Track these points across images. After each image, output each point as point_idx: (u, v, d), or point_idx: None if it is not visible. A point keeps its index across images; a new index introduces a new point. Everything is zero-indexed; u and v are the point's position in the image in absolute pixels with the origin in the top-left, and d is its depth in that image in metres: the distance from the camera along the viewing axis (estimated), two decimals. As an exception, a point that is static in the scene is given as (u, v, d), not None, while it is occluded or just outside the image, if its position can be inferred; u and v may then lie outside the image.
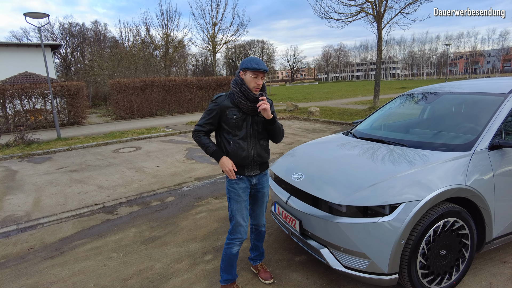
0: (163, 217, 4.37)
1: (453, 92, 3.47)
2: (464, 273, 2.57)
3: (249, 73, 2.37)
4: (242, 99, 2.40)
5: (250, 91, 2.39)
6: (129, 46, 31.69)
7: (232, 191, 2.52)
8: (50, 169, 7.23)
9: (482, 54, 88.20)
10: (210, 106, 2.48)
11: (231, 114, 2.43)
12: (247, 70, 2.38)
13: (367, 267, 2.30)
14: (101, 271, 3.12)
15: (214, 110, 2.45)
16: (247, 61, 2.40)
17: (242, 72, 2.42)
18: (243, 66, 2.39)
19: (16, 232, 4.15)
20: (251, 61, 2.37)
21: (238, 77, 2.43)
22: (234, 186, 2.51)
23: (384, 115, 3.98)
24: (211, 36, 26.05)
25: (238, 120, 2.44)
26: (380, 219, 2.23)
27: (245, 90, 2.39)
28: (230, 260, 2.58)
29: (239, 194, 2.51)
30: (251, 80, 2.38)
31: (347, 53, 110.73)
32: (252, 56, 5.07)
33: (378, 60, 14.13)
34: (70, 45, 46.98)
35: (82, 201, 5.13)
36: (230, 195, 2.54)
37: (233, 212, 2.54)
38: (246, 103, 2.40)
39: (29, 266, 3.29)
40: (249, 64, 2.36)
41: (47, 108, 13.74)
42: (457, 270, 2.53)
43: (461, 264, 2.54)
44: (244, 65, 2.38)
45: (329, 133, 10.23)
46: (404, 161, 2.65)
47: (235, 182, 2.51)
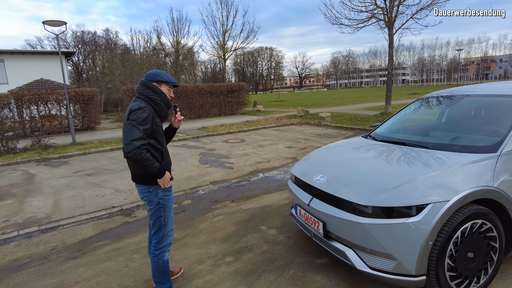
0: (181, 219, 4.40)
1: (473, 95, 3.45)
2: (493, 276, 2.53)
3: (164, 85, 2.56)
4: (164, 108, 2.53)
5: (168, 101, 2.58)
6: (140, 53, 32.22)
7: (169, 200, 2.60)
8: (66, 172, 7.35)
9: (494, 59, 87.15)
10: (143, 116, 2.35)
11: (158, 122, 2.51)
12: (162, 83, 2.55)
13: (394, 268, 2.29)
14: (124, 272, 3.16)
15: (149, 118, 2.38)
16: (161, 74, 2.56)
17: (156, 84, 2.53)
18: (158, 78, 2.53)
19: (38, 233, 4.23)
20: (165, 75, 2.57)
21: (157, 88, 2.51)
22: (169, 194, 2.60)
23: (403, 119, 3.96)
24: (222, 43, 26.34)
25: (161, 128, 2.57)
26: (407, 220, 2.22)
27: (166, 100, 2.54)
28: (165, 269, 2.63)
29: (172, 201, 2.64)
30: (167, 92, 2.58)
31: (355, 59, 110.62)
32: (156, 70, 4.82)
33: (389, 66, 14.08)
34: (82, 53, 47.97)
35: (100, 203, 5.20)
36: (166, 204, 2.58)
37: (167, 219, 2.59)
38: (167, 111, 2.57)
39: (53, 266, 3.34)
40: (164, 77, 2.55)
41: (61, 114, 14.01)
42: (485, 273, 2.49)
43: (489, 268, 2.50)
44: (159, 78, 2.53)
45: (341, 138, 10.20)
46: (428, 163, 2.64)
47: (169, 190, 2.60)
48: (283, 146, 9.21)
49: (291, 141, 9.96)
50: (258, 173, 6.53)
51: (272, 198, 5.02)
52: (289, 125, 13.92)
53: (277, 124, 13.82)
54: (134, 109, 2.36)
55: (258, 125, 13.74)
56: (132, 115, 2.34)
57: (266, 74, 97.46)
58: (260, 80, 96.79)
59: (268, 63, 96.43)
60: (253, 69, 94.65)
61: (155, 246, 2.59)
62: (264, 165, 7.14)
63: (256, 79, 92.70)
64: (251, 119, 16.27)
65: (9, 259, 3.54)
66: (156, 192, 2.53)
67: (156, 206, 2.55)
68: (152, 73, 2.56)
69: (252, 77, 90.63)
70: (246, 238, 3.71)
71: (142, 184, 2.52)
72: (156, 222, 2.57)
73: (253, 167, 6.98)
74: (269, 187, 5.62)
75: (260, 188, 5.55)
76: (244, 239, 3.68)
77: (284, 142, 9.84)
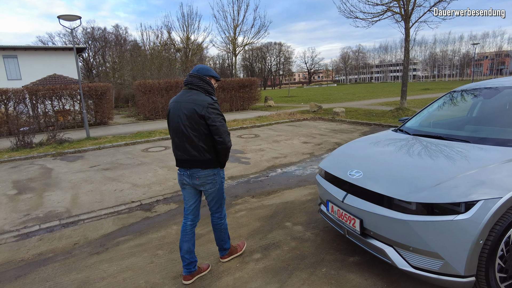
0: (203, 215, 4.30)
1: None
2: (543, 278, 2.38)
3: (213, 80, 2.86)
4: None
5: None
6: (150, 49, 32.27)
7: (224, 180, 2.97)
8: (83, 167, 7.35)
9: (509, 54, 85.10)
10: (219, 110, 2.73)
11: None
12: (212, 77, 2.84)
13: (441, 268, 2.16)
14: (149, 268, 3.09)
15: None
16: (210, 70, 2.85)
17: (208, 78, 2.80)
18: (210, 73, 2.81)
19: (59, 227, 4.20)
20: (213, 71, 2.87)
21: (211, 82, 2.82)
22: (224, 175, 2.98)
23: (435, 112, 3.80)
24: (232, 38, 26.18)
25: None
26: (456, 217, 2.08)
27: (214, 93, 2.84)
28: (225, 233, 3.08)
29: None
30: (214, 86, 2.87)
31: (365, 54, 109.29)
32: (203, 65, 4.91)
33: (405, 60, 13.77)
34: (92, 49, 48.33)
35: (119, 198, 5.15)
36: (224, 182, 2.97)
37: (224, 195, 3.01)
38: None
39: (77, 261, 3.30)
40: (214, 73, 2.86)
41: (75, 109, 14.08)
42: (536, 275, 2.34)
43: (541, 269, 2.35)
44: (210, 73, 2.82)
45: (357, 133, 10.02)
46: (473, 158, 2.50)
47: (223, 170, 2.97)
48: (299, 142, 9.07)
49: (306, 137, 9.81)
50: (276, 168, 6.42)
51: (294, 194, 4.91)
52: (303, 120, 13.74)
53: (290, 120, 13.67)
54: (212, 102, 2.67)
55: (271, 120, 13.60)
56: (214, 109, 2.65)
57: (275, 69, 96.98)
58: (268, 76, 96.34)
59: (277, 59, 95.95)
60: (262, 65, 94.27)
61: (218, 219, 3.01)
62: (281, 160, 7.02)
63: (264, 75, 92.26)
64: (263, 114, 16.13)
65: (33, 253, 3.51)
66: (219, 173, 2.86)
67: (219, 186, 2.88)
68: (204, 68, 2.81)
69: (261, 73, 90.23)
70: (272, 235, 3.61)
71: (208, 169, 2.76)
72: (219, 199, 2.94)
73: (270, 163, 6.87)
74: (289, 182, 5.51)
75: (279, 184, 5.44)
76: (270, 236, 3.59)
77: (299, 138, 9.70)
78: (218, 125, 2.64)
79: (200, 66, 2.82)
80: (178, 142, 2.75)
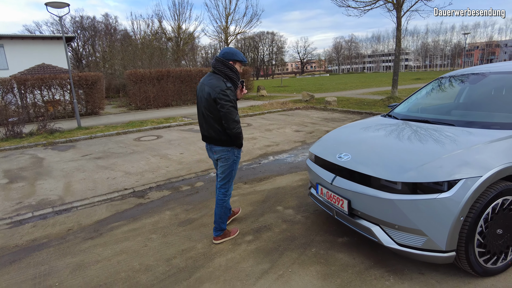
0: (196, 200, 4.38)
1: (498, 72, 3.36)
2: (519, 253, 2.51)
3: (238, 64, 2.97)
4: (237, 83, 2.96)
5: (240, 77, 3.02)
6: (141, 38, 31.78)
7: (239, 158, 3.15)
8: (75, 156, 7.33)
9: (499, 44, 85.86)
10: (233, 97, 2.87)
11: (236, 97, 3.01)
12: (237, 61, 2.94)
13: (424, 244, 2.26)
14: (143, 251, 3.15)
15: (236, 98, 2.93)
16: (237, 53, 2.94)
17: (232, 62, 2.92)
18: (234, 58, 2.91)
19: (53, 214, 4.22)
20: (240, 54, 2.96)
21: (233, 65, 2.92)
22: (239, 153, 3.14)
23: (422, 98, 3.89)
24: (224, 27, 25.92)
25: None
26: (439, 196, 2.18)
27: (238, 77, 2.97)
28: (227, 212, 3.24)
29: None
30: (238, 70, 2.99)
31: (358, 44, 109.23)
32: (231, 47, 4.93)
33: (397, 49, 13.85)
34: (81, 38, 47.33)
35: (112, 186, 5.18)
36: (237, 161, 3.14)
37: (235, 172, 3.17)
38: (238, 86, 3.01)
39: (71, 246, 3.34)
40: (240, 57, 2.94)
41: (65, 99, 13.90)
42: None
43: (517, 244, 2.47)
44: (235, 57, 2.92)
45: (349, 122, 10.11)
46: (456, 140, 2.58)
47: (240, 150, 3.15)
48: (291, 130, 9.15)
49: (298, 125, 9.88)
50: (268, 156, 6.49)
51: (285, 180, 5.00)
52: (295, 110, 13.80)
53: (283, 109, 13.71)
54: (224, 89, 2.79)
55: (263, 109, 13.63)
56: (224, 96, 2.79)
57: (267, 59, 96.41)
58: (261, 66, 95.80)
59: (269, 48, 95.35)
60: (254, 54, 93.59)
61: (223, 194, 3.16)
62: (273, 148, 7.09)
63: (257, 65, 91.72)
64: (255, 103, 16.14)
65: (27, 239, 3.54)
66: (233, 151, 3.06)
67: (231, 162, 3.08)
68: (229, 52, 2.92)
69: (253, 62, 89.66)
70: (264, 218, 3.69)
71: (223, 146, 3.00)
72: (228, 175, 3.11)
73: (262, 150, 6.94)
74: (281, 169, 5.59)
75: (271, 171, 5.51)
76: (262, 219, 3.67)
77: (291, 126, 9.77)
78: (225, 111, 2.81)
79: (226, 50, 2.95)
80: (200, 120, 3.10)
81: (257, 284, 2.51)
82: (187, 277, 2.66)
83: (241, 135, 2.96)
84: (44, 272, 2.86)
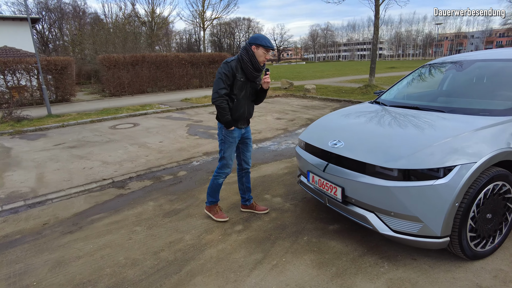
0: (180, 190, 4.24)
1: (484, 60, 3.41)
2: (506, 236, 2.59)
3: (261, 48, 2.91)
4: (250, 68, 2.93)
5: (259, 63, 2.94)
6: (112, 22, 30.32)
7: (229, 137, 3.11)
8: (46, 145, 6.91)
9: (466, 35, 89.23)
10: (224, 71, 2.90)
11: (239, 77, 2.95)
12: (260, 46, 2.90)
13: (419, 230, 2.26)
14: (128, 244, 3.00)
15: (230, 73, 2.91)
16: (261, 38, 2.92)
17: (254, 46, 2.91)
18: (256, 42, 2.89)
19: (25, 208, 3.95)
20: (264, 39, 2.92)
21: (251, 50, 2.91)
22: (230, 134, 3.11)
23: (409, 85, 3.89)
24: (201, 11, 25.18)
25: (242, 83, 2.99)
26: (435, 182, 2.17)
27: (254, 62, 2.92)
28: (216, 188, 3.31)
29: (235, 140, 3.15)
30: (261, 55, 2.92)
31: (334, 32, 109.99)
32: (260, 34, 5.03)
33: (374, 37, 13.99)
34: (47, 21, 44.56)
35: (89, 176, 4.92)
36: (226, 139, 3.12)
37: (225, 153, 3.17)
38: (253, 72, 2.95)
39: (48, 241, 3.13)
40: (263, 41, 2.90)
41: (32, 84, 13.05)
42: (500, 233, 2.53)
43: (504, 228, 2.54)
44: (258, 41, 2.90)
45: (329, 109, 10.17)
46: (449, 126, 2.60)
47: (231, 131, 3.10)
48: (272, 118, 9.07)
49: (279, 113, 9.82)
50: (251, 143, 6.39)
51: (271, 168, 4.93)
52: (275, 97, 13.72)
53: (262, 96, 13.56)
54: (223, 62, 2.94)
55: (242, 97, 13.42)
56: (219, 68, 2.93)
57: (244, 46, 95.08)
58: (237, 52, 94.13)
59: (246, 35, 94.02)
60: (230, 41, 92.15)
61: (216, 170, 3.27)
62: (256, 136, 6.99)
63: (233, 51, 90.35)
64: (234, 91, 15.86)
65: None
66: (221, 129, 3.13)
67: (220, 141, 3.19)
68: (254, 36, 2.95)
69: (230, 49, 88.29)
70: (252, 207, 3.61)
71: (218, 122, 3.13)
72: (219, 152, 3.23)
73: (245, 138, 6.82)
74: (265, 157, 5.52)
75: (256, 159, 5.43)
76: (250, 208, 3.59)
77: (272, 114, 9.69)
78: (214, 81, 2.96)
79: (253, 35, 3.00)
80: None
81: (251, 275, 2.44)
82: (177, 271, 2.55)
83: (222, 111, 2.96)
84: (20, 271, 2.65)
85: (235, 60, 2.95)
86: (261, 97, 3.24)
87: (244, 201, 3.52)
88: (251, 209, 3.50)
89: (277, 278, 2.39)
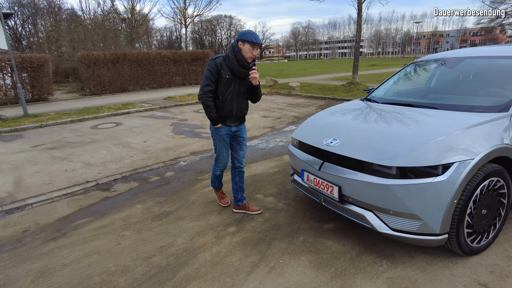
0: (168, 192, 4.10)
1: (474, 57, 3.44)
2: (499, 231, 2.62)
3: (247, 44, 2.82)
4: (236, 65, 2.87)
5: (245, 60, 2.87)
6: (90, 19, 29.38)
7: (217, 134, 3.16)
8: (24, 147, 6.58)
9: (442, 34, 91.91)
10: (209, 68, 2.90)
11: (224, 74, 2.91)
12: (246, 42, 2.82)
13: (419, 228, 2.25)
14: (117, 250, 2.86)
15: (215, 70, 2.90)
16: (246, 34, 2.82)
17: (241, 43, 2.84)
18: (242, 38, 2.81)
19: (2, 214, 3.72)
20: (250, 35, 2.81)
21: (237, 46, 2.85)
22: (217, 131, 3.15)
23: (400, 82, 3.90)
24: (182, 8, 24.75)
25: (228, 80, 2.94)
26: (434, 179, 2.16)
27: (240, 58, 2.85)
28: (214, 179, 3.52)
29: (223, 138, 3.17)
30: (248, 51, 2.84)
31: (315, 31, 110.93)
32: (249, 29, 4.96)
33: (357, 35, 14.13)
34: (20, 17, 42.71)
35: (71, 179, 4.70)
36: (214, 136, 3.20)
37: (217, 149, 3.25)
38: (239, 68, 2.89)
39: (30, 250, 2.94)
40: (248, 37, 2.80)
41: (6, 83, 12.45)
42: (494, 228, 2.56)
43: (498, 223, 2.57)
44: (243, 37, 2.81)
45: (314, 107, 10.19)
46: (444, 123, 2.59)
47: (218, 129, 3.13)
48: (258, 116, 9.00)
49: (265, 111, 9.76)
50: (239, 142, 6.30)
51: (261, 167, 4.86)
52: (259, 95, 13.63)
53: (247, 94, 13.47)
54: (209, 60, 2.92)
55: (227, 95, 13.28)
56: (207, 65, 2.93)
57: (226, 43, 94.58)
58: (219, 50, 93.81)
59: (228, 32, 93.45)
60: (212, 38, 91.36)
61: (214, 164, 3.40)
62: (243, 134, 6.89)
63: (215, 49, 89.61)
64: (218, 89, 15.69)
65: (-26, 244, 3.06)
66: (211, 126, 3.17)
67: (212, 137, 3.24)
68: (241, 32, 2.88)
69: (211, 46, 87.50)
70: (245, 208, 3.53)
71: None
72: (214, 148, 3.28)
73: (233, 137, 6.72)
74: (254, 156, 5.44)
75: (245, 158, 5.32)
76: (243, 209, 3.51)
77: (258, 112, 9.62)
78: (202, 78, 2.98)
79: (241, 32, 2.92)
80: None
81: (249, 279, 2.37)
82: (171, 277, 2.45)
83: (206, 108, 3.00)
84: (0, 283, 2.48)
85: (221, 57, 2.93)
86: (255, 95, 3.19)
87: (236, 201, 3.44)
88: (244, 209, 3.41)
89: (275, 281, 2.33)
